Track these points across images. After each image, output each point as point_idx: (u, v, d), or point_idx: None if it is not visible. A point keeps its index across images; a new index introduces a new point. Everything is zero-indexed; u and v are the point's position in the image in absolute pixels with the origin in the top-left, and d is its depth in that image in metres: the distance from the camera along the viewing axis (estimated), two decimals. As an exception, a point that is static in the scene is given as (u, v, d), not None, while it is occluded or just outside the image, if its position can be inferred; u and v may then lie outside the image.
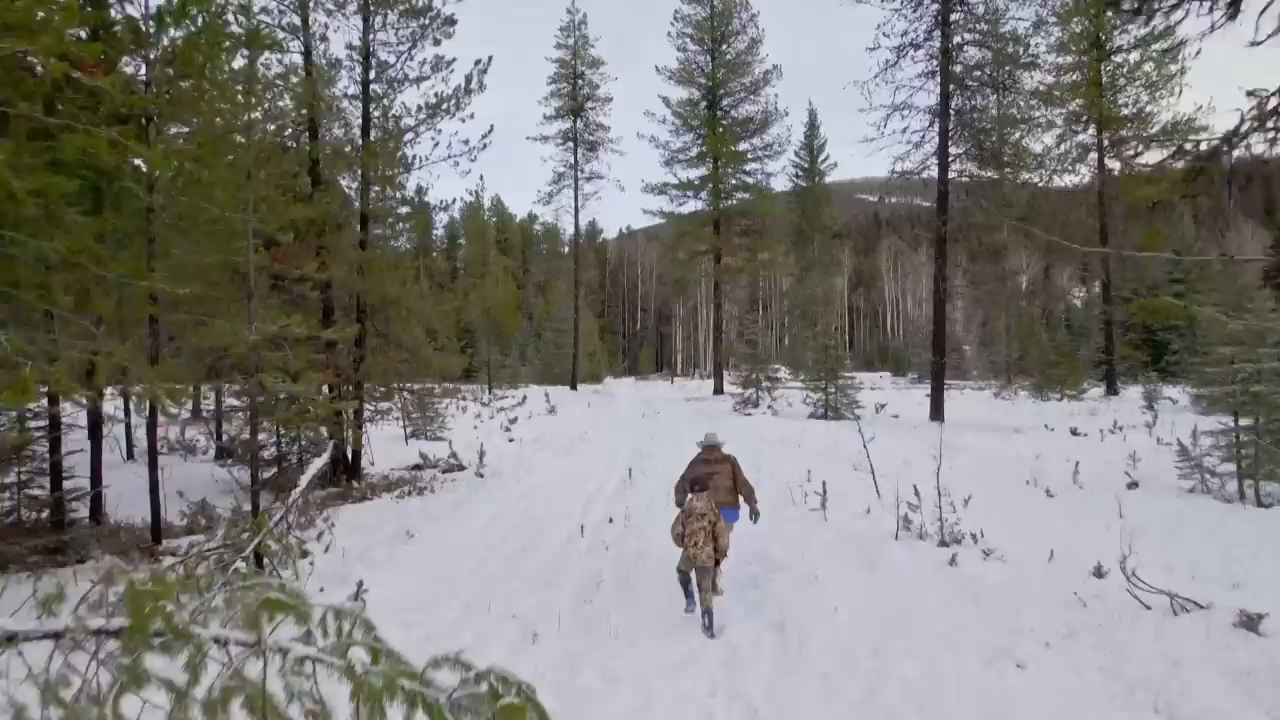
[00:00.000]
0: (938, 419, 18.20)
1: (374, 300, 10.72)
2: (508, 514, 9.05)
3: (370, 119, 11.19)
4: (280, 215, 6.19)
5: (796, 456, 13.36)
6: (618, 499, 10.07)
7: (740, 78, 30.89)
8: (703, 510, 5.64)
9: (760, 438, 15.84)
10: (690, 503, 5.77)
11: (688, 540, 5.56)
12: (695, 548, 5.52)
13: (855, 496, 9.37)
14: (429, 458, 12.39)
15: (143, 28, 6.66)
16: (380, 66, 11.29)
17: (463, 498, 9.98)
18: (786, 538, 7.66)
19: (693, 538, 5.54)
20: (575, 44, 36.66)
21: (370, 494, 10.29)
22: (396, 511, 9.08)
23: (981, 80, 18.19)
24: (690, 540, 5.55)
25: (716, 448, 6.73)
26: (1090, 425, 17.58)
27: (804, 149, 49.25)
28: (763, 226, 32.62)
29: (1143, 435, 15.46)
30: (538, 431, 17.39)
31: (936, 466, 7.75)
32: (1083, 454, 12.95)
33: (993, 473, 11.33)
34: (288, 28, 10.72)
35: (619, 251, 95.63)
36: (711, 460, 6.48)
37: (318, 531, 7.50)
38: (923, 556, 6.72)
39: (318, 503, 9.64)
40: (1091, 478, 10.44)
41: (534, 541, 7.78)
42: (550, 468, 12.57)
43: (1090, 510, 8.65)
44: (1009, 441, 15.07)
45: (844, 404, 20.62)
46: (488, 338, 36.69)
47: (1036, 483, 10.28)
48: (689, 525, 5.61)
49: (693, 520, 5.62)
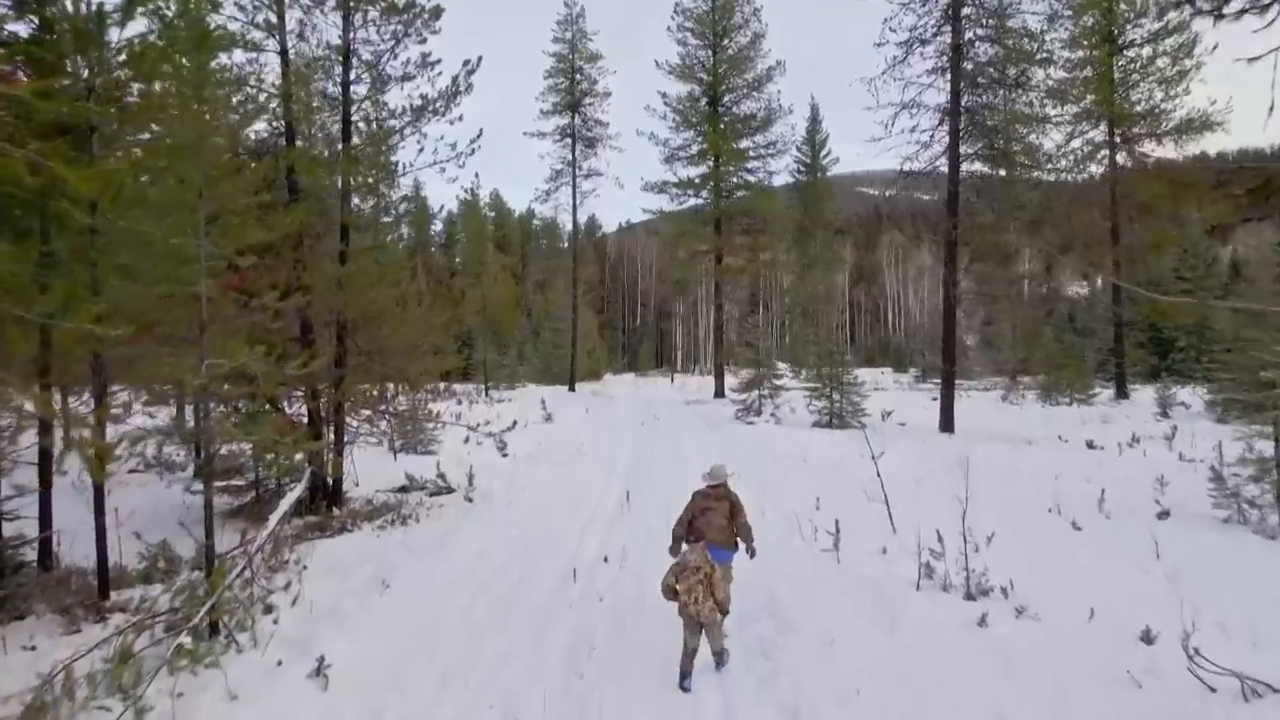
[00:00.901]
0: (948, 430, 17.59)
1: (355, 315, 10.07)
2: (496, 548, 8.43)
3: (351, 123, 10.52)
4: (237, 237, 5.54)
5: (802, 474, 12.74)
6: (615, 526, 9.46)
7: (742, 73, 30.14)
8: (697, 563, 5.26)
9: (763, 450, 15.22)
10: (684, 555, 5.38)
11: (685, 596, 5.15)
12: (695, 604, 5.12)
13: (868, 530, 8.74)
14: (416, 479, 11.77)
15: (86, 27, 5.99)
16: (362, 66, 10.62)
17: (449, 528, 9.35)
18: (796, 581, 7.05)
19: (690, 593, 5.15)
20: (573, 38, 35.92)
21: (351, 524, 9.67)
22: (377, 546, 8.46)
23: (994, 78, 17.48)
24: (689, 597, 5.14)
25: (722, 483, 6.32)
26: (1105, 436, 16.95)
27: (806, 144, 48.48)
28: (765, 226, 31.93)
29: (1162, 449, 14.83)
30: (533, 442, 16.74)
31: (962, 510, 7.06)
32: (1103, 472, 12.35)
33: (1011, 496, 10.70)
34: (263, 25, 10.06)
35: (619, 246, 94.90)
36: (712, 495, 6.19)
37: (286, 580, 6.87)
38: (948, 613, 6.09)
39: (292, 537, 9.02)
40: (1118, 504, 9.81)
41: (523, 585, 7.17)
42: (544, 486, 11.94)
43: (1122, 546, 8.01)
44: (1023, 456, 14.44)
45: (849, 411, 19.99)
46: (484, 338, 36.06)
47: (1060, 511, 9.65)
48: (683, 580, 5.23)
49: (687, 574, 5.22)
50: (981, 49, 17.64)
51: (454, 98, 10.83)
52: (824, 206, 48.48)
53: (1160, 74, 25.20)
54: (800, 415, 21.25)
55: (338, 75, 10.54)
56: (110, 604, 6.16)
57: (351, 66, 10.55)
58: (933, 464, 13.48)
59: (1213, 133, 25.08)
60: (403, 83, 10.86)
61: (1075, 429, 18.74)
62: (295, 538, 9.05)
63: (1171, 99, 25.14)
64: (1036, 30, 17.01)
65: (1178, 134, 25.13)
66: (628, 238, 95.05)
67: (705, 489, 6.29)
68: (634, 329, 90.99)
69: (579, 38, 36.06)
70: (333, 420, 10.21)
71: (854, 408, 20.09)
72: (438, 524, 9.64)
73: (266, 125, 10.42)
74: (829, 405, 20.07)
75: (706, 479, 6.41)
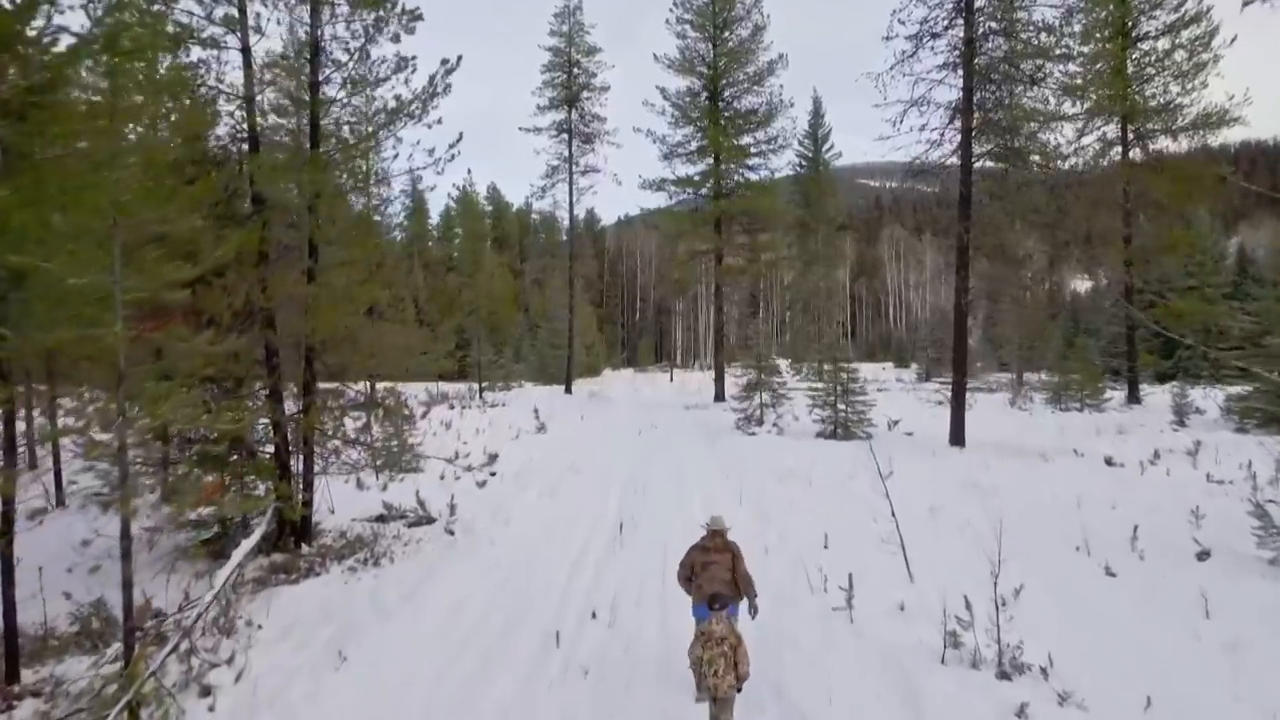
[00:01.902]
0: (958, 443, 16.81)
1: (324, 335, 9.27)
2: (473, 599, 7.66)
3: (320, 127, 9.70)
4: (154, 274, 4.72)
5: (807, 499, 11.97)
6: (605, 569, 8.70)
7: (743, 67, 29.20)
8: (723, 634, 5.01)
9: (765, 468, 14.44)
10: (710, 626, 5.05)
11: (706, 669, 4.93)
12: (715, 678, 4.89)
13: (882, 576, 7.97)
14: (394, 508, 10.99)
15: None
16: (331, 66, 9.78)
17: (424, 571, 8.58)
18: (804, 651, 6.28)
19: (712, 665, 4.92)
20: (570, 31, 35.01)
21: (320, 564, 8.90)
22: (343, 598, 7.69)
23: (1008, 73, 16.61)
24: (710, 669, 4.92)
25: (721, 533, 5.91)
26: (1123, 450, 16.17)
27: (808, 138, 47.49)
28: (765, 225, 31.06)
29: (1186, 466, 14.05)
30: (524, 458, 16.00)
31: (993, 574, 6.27)
32: (1127, 497, 11.58)
33: (1033, 530, 9.91)
34: (221, 20, 9.23)
35: (618, 240, 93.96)
36: (712, 548, 5.83)
37: (232, 651, 6.10)
38: (980, 698, 5.33)
39: (252, 581, 8.27)
40: (1151, 541, 9.02)
41: (499, 653, 6.39)
42: (532, 516, 11.16)
43: (1165, 600, 7.23)
44: (1039, 475, 13.68)
45: (854, 420, 19.21)
46: (480, 339, 35.28)
47: (1089, 550, 8.87)
48: (708, 651, 4.95)
49: (712, 645, 4.96)
50: (995, 43, 16.76)
51: (431, 99, 10.01)
52: (826, 203, 47.54)
53: (1177, 67, 24.30)
54: (803, 424, 20.48)
55: (305, 76, 9.71)
56: (21, 689, 5.40)
57: (320, 66, 9.72)
58: (946, 487, 12.72)
59: (1230, 128, 24.24)
60: (376, 85, 10.04)
61: (1090, 440, 17.96)
62: (256, 583, 8.31)
63: (1188, 93, 24.26)
64: (1054, 24, 16.06)
65: (1194, 129, 24.26)
66: (627, 231, 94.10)
67: (704, 541, 5.90)
68: (633, 324, 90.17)
69: (576, 31, 35.17)
70: (300, 451, 9.42)
71: (859, 416, 19.31)
72: (413, 565, 8.87)
73: (228, 130, 9.59)
74: (833, 414, 19.28)
75: (705, 528, 6.00)
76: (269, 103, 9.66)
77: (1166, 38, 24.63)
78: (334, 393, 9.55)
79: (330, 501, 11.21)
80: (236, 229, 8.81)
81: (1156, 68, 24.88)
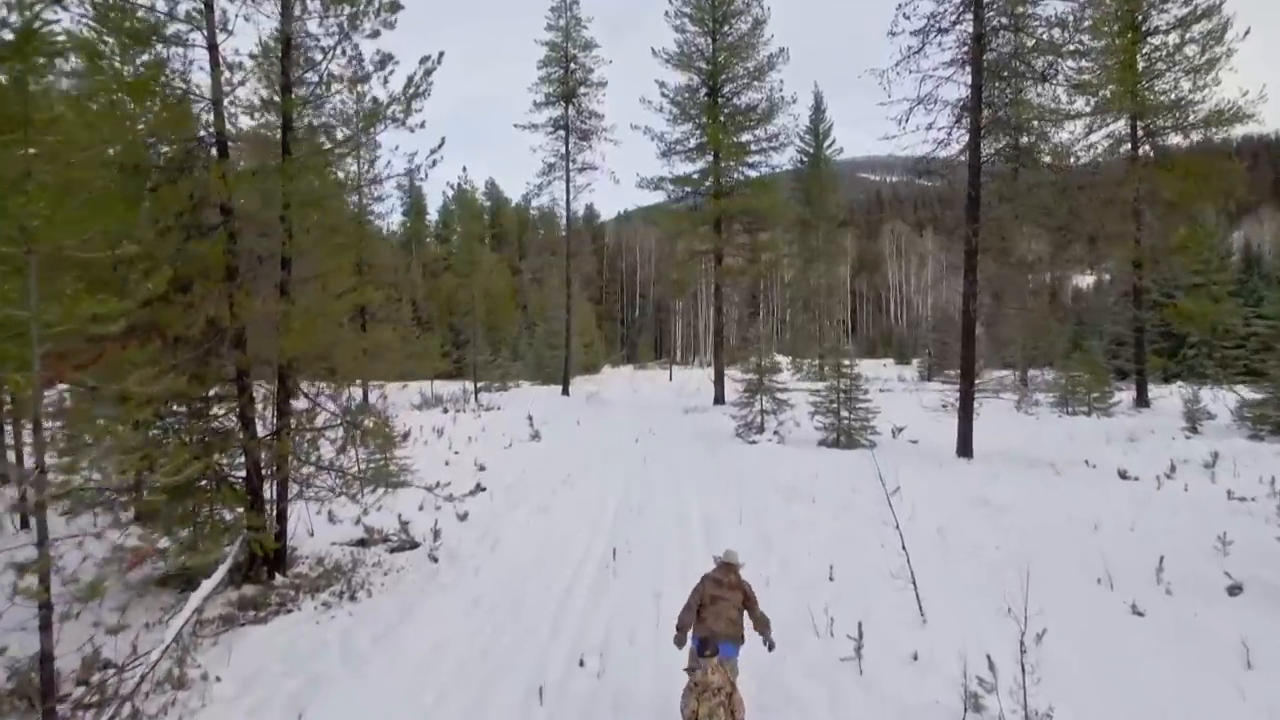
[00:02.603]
0: (965, 454, 16.25)
1: (296, 353, 8.69)
2: (452, 642, 7.11)
3: (292, 130, 9.11)
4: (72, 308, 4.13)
5: (810, 519, 11.41)
6: (595, 605, 8.13)
7: (743, 62, 28.54)
8: (719, 684, 4.73)
9: (767, 482, 13.90)
10: (706, 676, 4.76)
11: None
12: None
13: (892, 616, 7.43)
14: (375, 531, 10.44)
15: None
16: (304, 65, 9.19)
17: (403, 607, 8.03)
18: (811, 712, 5.73)
19: (712, 717, 4.62)
20: (566, 25, 34.34)
21: (293, 598, 8.34)
22: (313, 642, 7.14)
23: (1019, 70, 15.99)
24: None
25: (733, 568, 5.68)
26: (1137, 460, 15.63)
27: (809, 133, 46.78)
28: (766, 224, 30.44)
29: (1204, 481, 13.49)
30: (516, 470, 15.46)
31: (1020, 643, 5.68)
32: (1145, 517, 11.03)
33: (1048, 555, 9.37)
34: (183, 17, 8.63)
35: (617, 236, 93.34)
36: (725, 582, 5.58)
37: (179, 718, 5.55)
38: (1008, 777, 4.79)
39: (219, 619, 7.71)
40: (1177, 571, 8.46)
41: (478, 710, 5.84)
42: (520, 539, 10.60)
43: (1200, 646, 6.68)
44: (1051, 489, 13.13)
45: (857, 428, 18.66)
46: (475, 340, 34.70)
47: (1111, 582, 8.32)
48: (704, 703, 4.65)
49: (709, 696, 4.67)
50: (1005, 38, 16.15)
51: (412, 100, 9.41)
52: (827, 199, 46.88)
53: (1188, 63, 23.67)
54: (805, 430, 19.91)
55: (276, 76, 9.11)
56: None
57: (293, 65, 9.12)
58: (954, 503, 12.18)
59: (1243, 124, 23.64)
60: (353, 86, 9.45)
61: (1101, 449, 17.42)
62: (223, 620, 7.76)
63: (1200, 89, 23.63)
64: (1068, 19, 15.42)
65: (1206, 126, 23.64)
66: (626, 227, 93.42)
67: (716, 574, 5.66)
68: (633, 320, 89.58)
69: (573, 25, 34.50)
70: (274, 477, 8.86)
71: (862, 424, 18.76)
72: (391, 600, 8.31)
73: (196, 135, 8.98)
74: (836, 421, 18.73)
75: (718, 560, 5.79)
76: (239, 105, 9.05)
77: (1177, 32, 24.01)
78: (309, 414, 8.97)
79: (310, 524, 10.66)
80: (202, 241, 8.26)
81: (1167, 63, 24.26)
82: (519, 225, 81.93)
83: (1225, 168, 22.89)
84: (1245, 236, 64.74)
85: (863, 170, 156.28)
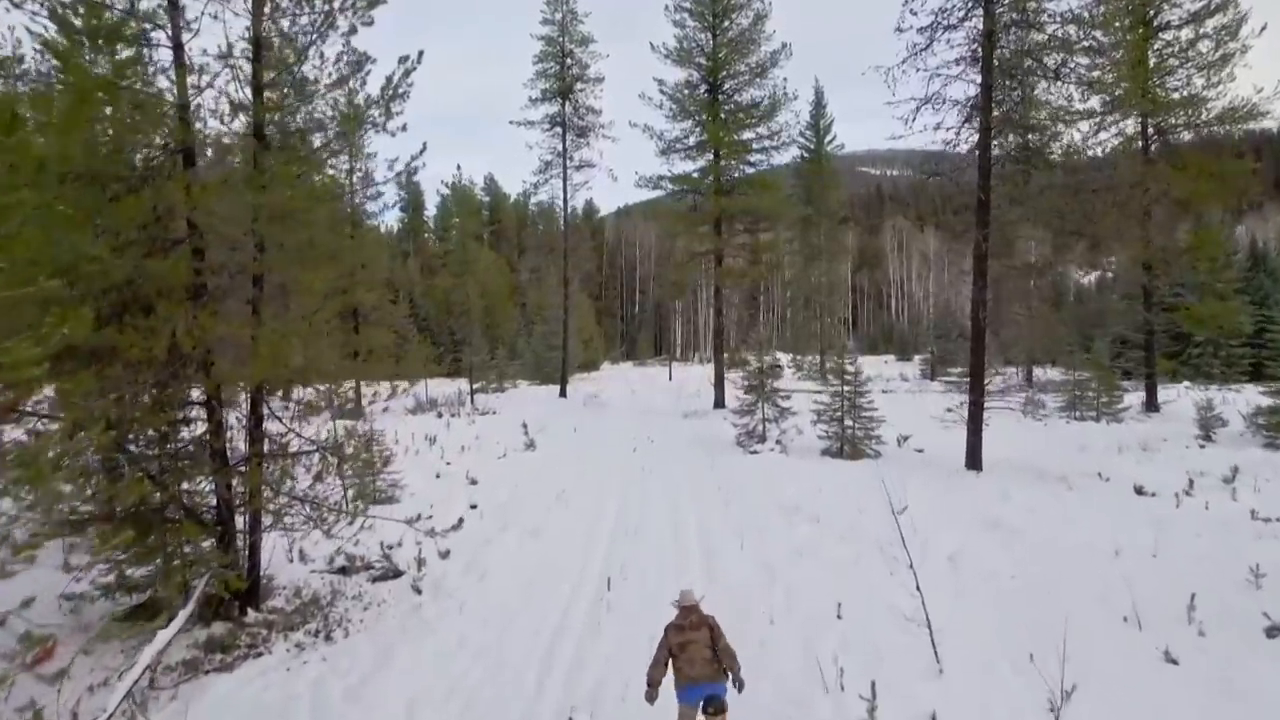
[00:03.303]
0: (974, 466, 15.70)
1: (267, 375, 8.13)
2: (430, 696, 6.57)
3: (265, 138, 8.52)
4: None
5: (816, 543, 10.87)
6: (587, 645, 7.62)
7: (744, 58, 27.87)
8: None
9: (769, 499, 13.36)
10: None
11: None
12: None
13: (905, 663, 6.90)
14: (357, 559, 9.89)
15: None
16: (277, 66, 8.60)
17: (381, 652, 7.49)
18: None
19: None
20: (563, 19, 33.67)
21: (265, 638, 7.82)
22: (280, 694, 6.61)
23: (1031, 68, 15.39)
24: None
25: (694, 608, 5.60)
26: (1151, 472, 15.09)
27: (810, 129, 46.07)
28: (769, 225, 29.85)
29: (1225, 497, 12.94)
30: (509, 484, 14.91)
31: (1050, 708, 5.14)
32: (1168, 542, 10.47)
33: (1069, 589, 8.83)
34: (149, 15, 8.05)
35: (617, 231, 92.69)
36: (687, 625, 5.48)
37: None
38: None
39: (182, 665, 7.18)
40: (1209, 608, 7.90)
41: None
42: (510, 567, 10.04)
43: (1244, 706, 6.15)
44: (1065, 508, 12.57)
45: (861, 437, 18.11)
46: (471, 342, 34.16)
47: (1139, 621, 7.77)
48: None
49: None
50: (1017, 35, 15.53)
51: (392, 102, 8.85)
52: (829, 196, 46.25)
53: (1202, 59, 23.03)
54: (808, 438, 19.35)
55: (247, 75, 8.51)
56: None
57: (264, 66, 8.53)
58: (966, 525, 11.63)
59: (1258, 122, 23.04)
60: (331, 87, 8.87)
61: (1113, 460, 16.87)
62: (186, 666, 7.22)
63: (1213, 85, 23.00)
64: (1083, 15, 14.78)
65: (1219, 124, 23.03)
66: (625, 222, 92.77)
67: (678, 620, 5.55)
68: (633, 316, 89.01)
69: (570, 19, 33.83)
70: (246, 508, 8.31)
71: (866, 433, 18.21)
72: (370, 641, 7.78)
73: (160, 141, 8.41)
74: (840, 430, 18.18)
75: (676, 605, 5.69)
76: (207, 109, 8.48)
77: (1190, 27, 23.37)
78: (283, 442, 8.41)
79: (289, 549, 10.13)
80: (164, 258, 7.71)
81: (1179, 59, 23.63)
82: (518, 221, 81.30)
83: (1239, 167, 22.27)
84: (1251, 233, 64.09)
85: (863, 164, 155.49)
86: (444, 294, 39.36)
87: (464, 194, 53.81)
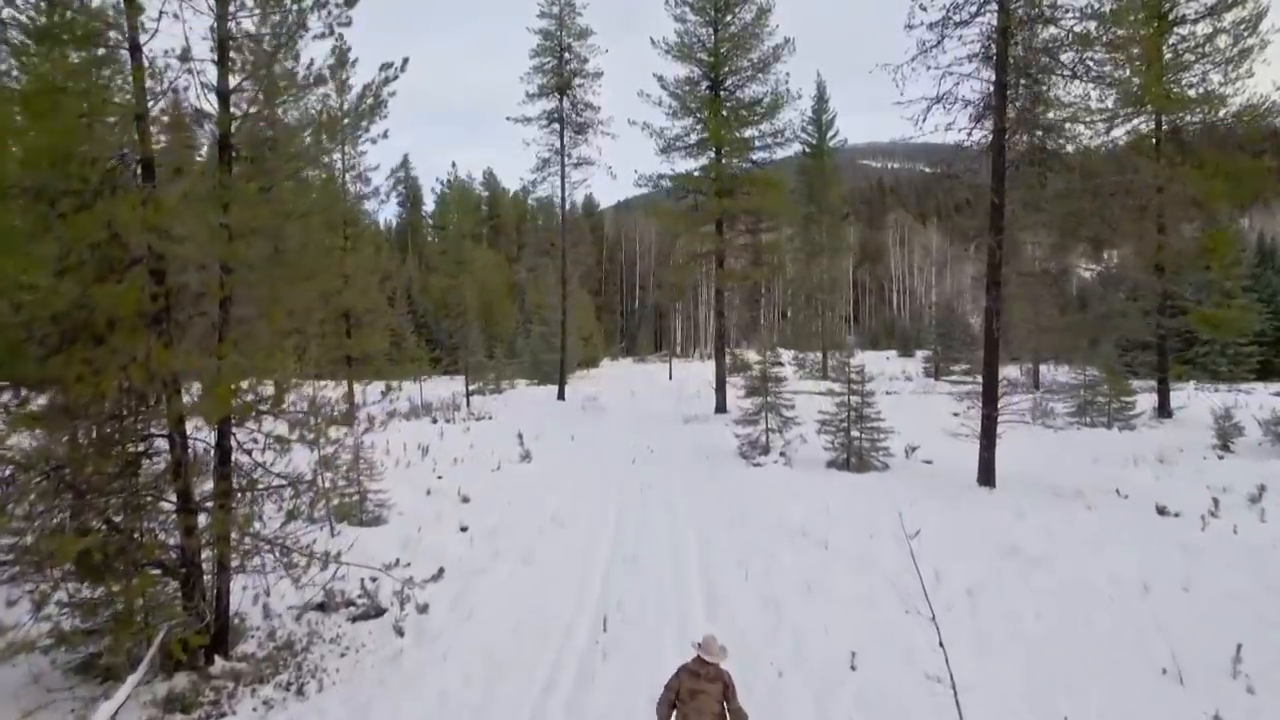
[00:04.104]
0: (987, 483, 15.10)
1: (230, 409, 7.48)
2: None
3: (231, 148, 7.87)
4: None
5: (824, 575, 10.21)
6: (580, 702, 7.01)
7: (746, 53, 27.14)
8: None
9: (774, 521, 12.74)
10: None
11: None
12: None
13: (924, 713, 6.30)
14: (336, 595, 9.27)
15: None
16: (244, 70, 7.93)
17: (356, 709, 6.88)
18: None
19: None
20: (560, 12, 32.92)
21: (230, 692, 7.21)
22: (240, 766, 6.01)
23: (1046, 66, 14.70)
24: None
25: (715, 662, 5.25)
26: (1171, 487, 14.52)
27: (812, 124, 45.28)
28: (772, 224, 29.17)
29: (1253, 518, 12.35)
30: (503, 502, 14.30)
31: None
32: (1198, 571, 9.84)
33: (1097, 632, 8.25)
34: (99, 13, 7.39)
35: (616, 226, 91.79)
36: (703, 675, 5.21)
37: None
38: None
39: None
40: (1255, 657, 7.29)
41: None
42: (500, 602, 9.42)
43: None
44: (1085, 531, 11.95)
45: (868, 448, 17.50)
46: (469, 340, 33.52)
47: (1181, 675, 7.15)
48: None
49: None
50: (1032, 31, 14.84)
51: (374, 110, 8.20)
52: (831, 192, 45.52)
53: (1219, 54, 22.30)
54: (813, 448, 18.69)
55: (212, 79, 7.85)
56: None
57: (230, 70, 7.87)
58: (982, 553, 10.99)
59: (1276, 119, 22.31)
60: (305, 91, 8.22)
61: (1129, 473, 16.27)
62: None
63: (1231, 82, 22.28)
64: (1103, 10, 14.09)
65: (1237, 121, 22.30)
66: (625, 216, 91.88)
67: (694, 665, 5.28)
68: (632, 312, 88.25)
69: (567, 12, 33.09)
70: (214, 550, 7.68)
71: (873, 443, 17.59)
72: (344, 697, 7.16)
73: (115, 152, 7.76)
74: (846, 440, 17.56)
75: (697, 650, 5.38)
76: (168, 117, 7.83)
77: (1208, 21, 22.63)
78: (250, 479, 7.78)
79: (265, 587, 9.51)
80: (117, 281, 7.06)
81: (1195, 55, 22.90)
82: (517, 217, 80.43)
83: (1256, 165, 21.58)
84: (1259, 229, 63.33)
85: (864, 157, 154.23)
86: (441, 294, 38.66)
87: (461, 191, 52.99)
